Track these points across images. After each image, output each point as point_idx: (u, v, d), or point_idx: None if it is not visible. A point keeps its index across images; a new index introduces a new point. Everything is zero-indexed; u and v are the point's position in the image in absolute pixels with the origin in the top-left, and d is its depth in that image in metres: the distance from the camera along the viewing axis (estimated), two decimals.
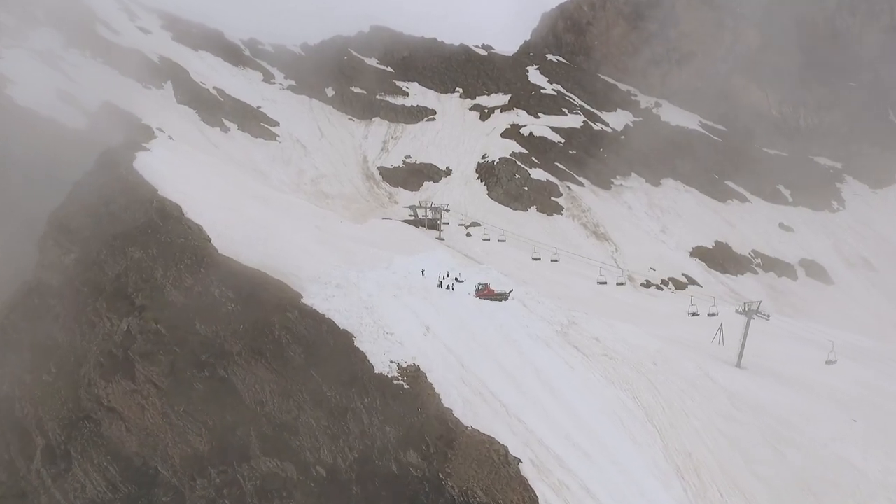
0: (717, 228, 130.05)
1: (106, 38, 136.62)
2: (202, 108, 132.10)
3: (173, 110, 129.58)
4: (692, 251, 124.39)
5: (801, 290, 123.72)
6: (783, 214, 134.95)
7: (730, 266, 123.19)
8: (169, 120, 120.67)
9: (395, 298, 50.45)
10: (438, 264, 62.87)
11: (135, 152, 63.94)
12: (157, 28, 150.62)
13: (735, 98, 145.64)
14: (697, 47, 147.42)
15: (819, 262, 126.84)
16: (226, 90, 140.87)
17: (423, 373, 43.64)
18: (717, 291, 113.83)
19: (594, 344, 54.16)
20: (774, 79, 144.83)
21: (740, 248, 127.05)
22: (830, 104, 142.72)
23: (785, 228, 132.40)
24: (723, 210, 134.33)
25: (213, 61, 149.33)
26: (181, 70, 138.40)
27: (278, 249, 53.98)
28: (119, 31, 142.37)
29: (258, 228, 57.16)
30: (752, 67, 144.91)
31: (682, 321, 77.83)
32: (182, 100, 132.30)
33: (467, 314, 51.58)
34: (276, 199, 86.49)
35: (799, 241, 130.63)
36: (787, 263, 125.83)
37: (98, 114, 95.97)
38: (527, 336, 51.65)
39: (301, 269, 51.19)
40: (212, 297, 46.98)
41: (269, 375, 43.56)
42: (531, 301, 58.02)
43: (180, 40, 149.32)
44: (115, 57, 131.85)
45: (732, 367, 59.11)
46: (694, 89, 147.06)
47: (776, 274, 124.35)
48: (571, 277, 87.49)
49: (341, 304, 47.48)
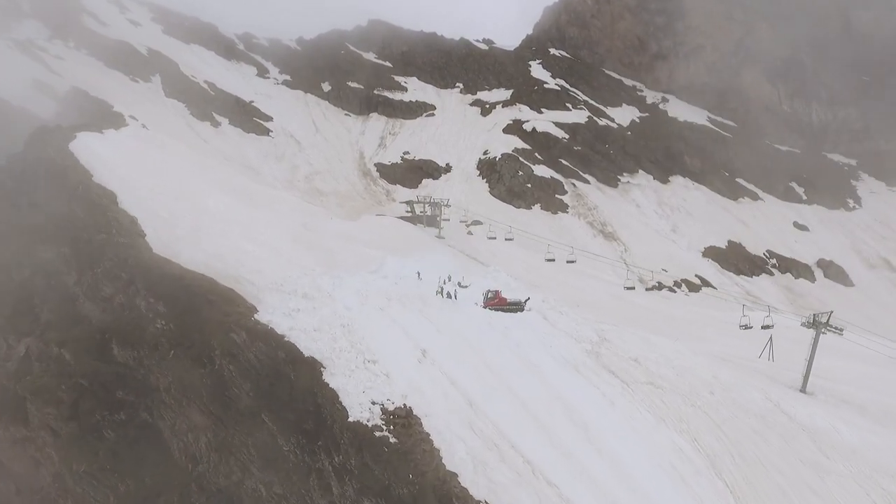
0: (730, 227, 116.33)
1: (93, 30, 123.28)
2: (192, 102, 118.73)
3: (160, 103, 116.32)
4: (704, 251, 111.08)
5: (820, 292, 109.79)
6: (797, 213, 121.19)
7: (744, 267, 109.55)
8: (150, 111, 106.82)
9: (381, 312, 36.31)
10: (438, 267, 49.06)
11: (75, 133, 49.78)
12: (147, 21, 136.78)
13: (745, 93, 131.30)
14: (706, 41, 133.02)
15: (837, 262, 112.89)
16: (217, 84, 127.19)
17: (417, 418, 29.50)
18: (732, 294, 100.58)
19: (634, 367, 40.03)
20: (785, 73, 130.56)
21: (754, 247, 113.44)
22: (844, 99, 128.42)
23: (800, 227, 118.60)
24: (734, 208, 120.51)
25: (206, 55, 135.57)
26: (171, 63, 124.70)
27: (235, 248, 39.90)
28: (107, 22, 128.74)
29: (215, 222, 43.06)
30: (762, 61, 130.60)
31: (718, 331, 64.00)
32: (171, 93, 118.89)
33: (475, 331, 37.46)
34: (260, 193, 72.74)
35: (815, 241, 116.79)
36: (804, 264, 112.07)
37: (66, 100, 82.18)
38: (551, 359, 37.55)
39: (261, 274, 37.10)
40: (137, 311, 32.92)
41: (206, 421, 29.49)
42: (552, 312, 43.90)
43: (171, 33, 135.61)
44: (102, 49, 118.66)
45: (798, 393, 44.97)
46: (702, 84, 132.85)
47: (793, 275, 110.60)
48: (585, 280, 73.36)
49: (308, 321, 33.38)
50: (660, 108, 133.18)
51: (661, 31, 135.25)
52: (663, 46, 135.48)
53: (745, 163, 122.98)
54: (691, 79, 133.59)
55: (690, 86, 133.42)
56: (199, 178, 57.23)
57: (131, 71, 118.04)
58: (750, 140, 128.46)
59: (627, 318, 56.07)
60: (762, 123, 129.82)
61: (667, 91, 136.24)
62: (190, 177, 54.98)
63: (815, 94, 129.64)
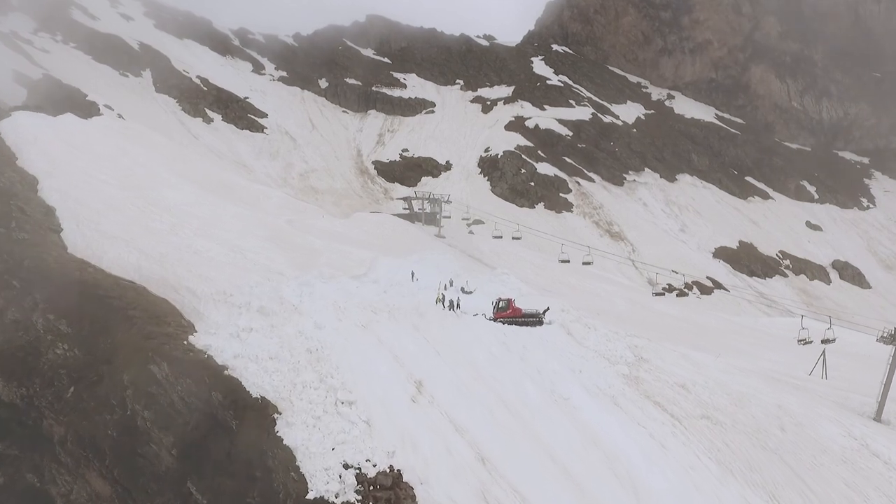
0: (740, 227, 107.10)
1: (82, 24, 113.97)
2: (183, 98, 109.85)
3: (149, 98, 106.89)
4: (715, 252, 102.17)
5: (836, 294, 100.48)
6: (810, 212, 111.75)
7: (757, 268, 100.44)
8: (137, 105, 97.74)
9: (364, 331, 26.50)
10: (437, 269, 39.69)
11: (10, 112, 39.92)
12: (139, 15, 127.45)
13: (753, 89, 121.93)
14: (713, 35, 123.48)
15: (853, 264, 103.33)
16: (211, 80, 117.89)
17: (408, 487, 19.83)
18: (745, 296, 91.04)
19: (682, 396, 30.44)
20: (795, 69, 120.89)
21: (766, 248, 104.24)
22: (855, 95, 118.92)
23: (813, 227, 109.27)
24: (745, 208, 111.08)
25: (199, 50, 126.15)
26: (162, 58, 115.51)
27: (184, 247, 30.35)
28: (98, 16, 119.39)
29: (166, 215, 33.33)
30: (771, 56, 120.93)
31: (755, 342, 54.66)
32: (161, 88, 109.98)
33: (485, 354, 27.73)
34: (243, 188, 63.53)
35: (829, 241, 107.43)
36: (819, 265, 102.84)
37: (35, 87, 72.66)
38: (583, 390, 27.90)
39: (208, 281, 27.35)
40: (33, 331, 23.15)
41: (108, 490, 19.61)
42: (577, 325, 34.16)
43: (164, 28, 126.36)
44: (91, 42, 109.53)
45: (875, 424, 34.99)
46: (709, 80, 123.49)
47: (808, 277, 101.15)
48: (600, 284, 63.57)
49: (262, 345, 23.70)
50: (665, 105, 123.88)
51: (667, 26, 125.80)
52: (669, 42, 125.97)
53: (755, 161, 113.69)
54: (698, 75, 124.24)
55: (697, 82, 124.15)
56: (167, 169, 47.52)
57: (121, 65, 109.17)
58: (759, 138, 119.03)
59: (657, 329, 46.55)
60: (771, 121, 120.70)
61: (672, 87, 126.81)
62: (155, 166, 45.30)
63: (825, 90, 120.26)
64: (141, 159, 45.70)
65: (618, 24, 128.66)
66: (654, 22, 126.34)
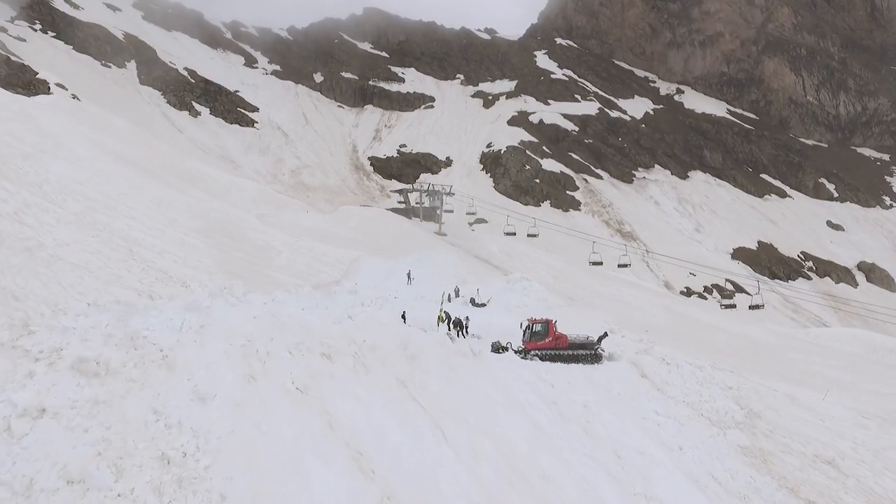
0: (758, 227, 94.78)
1: (64, 13, 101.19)
2: (168, 90, 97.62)
3: (131, 89, 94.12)
4: (733, 253, 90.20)
5: (863, 298, 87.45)
6: (830, 211, 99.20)
7: (778, 270, 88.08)
8: (110, 94, 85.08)
9: (299, 401, 8.46)
10: (438, 273, 27.27)
11: None
12: (127, 6, 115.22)
13: (767, 83, 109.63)
14: (724, 28, 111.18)
15: (880, 265, 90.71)
16: (199, 72, 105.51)
17: None
18: (768, 300, 78.38)
19: (838, 483, 16.48)
20: (810, 62, 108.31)
21: (787, 249, 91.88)
22: (874, 90, 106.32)
23: (834, 227, 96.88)
24: (762, 206, 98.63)
25: (188, 42, 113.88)
26: (148, 49, 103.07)
27: (13, 236, 16.90)
28: (82, 5, 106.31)
29: (13, 188, 20.02)
30: (785, 49, 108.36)
31: (822, 361, 41.82)
32: (146, 80, 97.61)
33: (526, 428, 13.05)
34: (215, 180, 51.07)
35: (852, 241, 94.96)
36: (844, 267, 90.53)
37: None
38: (696, 488, 14.11)
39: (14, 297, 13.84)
40: None
41: None
42: (648, 358, 20.53)
43: (152, 19, 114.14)
44: (72, 32, 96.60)
45: None
46: (720, 74, 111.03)
47: (833, 279, 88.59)
48: (628, 289, 50.68)
49: (51, 453, 7.04)
50: (675, 99, 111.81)
51: (676, 18, 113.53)
52: (678, 34, 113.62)
53: (770, 158, 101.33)
54: (708, 69, 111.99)
55: (707, 76, 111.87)
56: (91, 145, 34.18)
57: (103, 56, 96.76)
58: (773, 133, 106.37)
59: (713, 349, 35.13)
60: (786, 116, 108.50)
61: (682, 82, 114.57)
62: (70, 141, 32.03)
63: (842, 83, 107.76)
64: (55, 130, 32.79)
65: (624, 16, 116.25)
66: (663, 14, 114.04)
